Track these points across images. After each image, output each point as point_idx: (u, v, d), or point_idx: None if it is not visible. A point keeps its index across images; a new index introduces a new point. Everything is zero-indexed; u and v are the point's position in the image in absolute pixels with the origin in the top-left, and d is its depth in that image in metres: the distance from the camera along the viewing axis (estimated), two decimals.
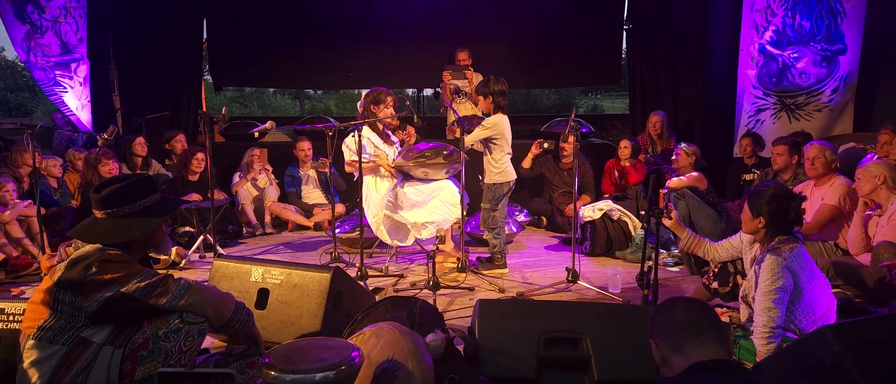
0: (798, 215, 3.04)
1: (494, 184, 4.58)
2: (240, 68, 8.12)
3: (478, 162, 4.97)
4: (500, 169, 4.56)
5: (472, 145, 4.58)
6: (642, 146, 6.65)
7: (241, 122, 7.45)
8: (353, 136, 4.52)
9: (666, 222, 3.54)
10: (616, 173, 6.40)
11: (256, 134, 4.88)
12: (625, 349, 2.66)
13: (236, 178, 6.55)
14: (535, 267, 4.97)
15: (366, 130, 4.62)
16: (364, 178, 4.70)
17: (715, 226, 5.16)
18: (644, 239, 3.42)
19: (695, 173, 5.30)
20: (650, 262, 3.25)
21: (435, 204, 4.66)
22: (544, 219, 6.38)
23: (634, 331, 2.70)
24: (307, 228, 6.38)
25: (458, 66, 6.69)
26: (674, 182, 5.23)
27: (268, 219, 6.33)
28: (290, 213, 6.39)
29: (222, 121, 4.77)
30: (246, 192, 6.50)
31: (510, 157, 4.63)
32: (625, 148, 6.22)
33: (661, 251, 5.08)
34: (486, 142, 4.52)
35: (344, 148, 4.65)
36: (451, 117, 6.80)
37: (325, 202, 6.56)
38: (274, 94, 24.44)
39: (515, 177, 4.67)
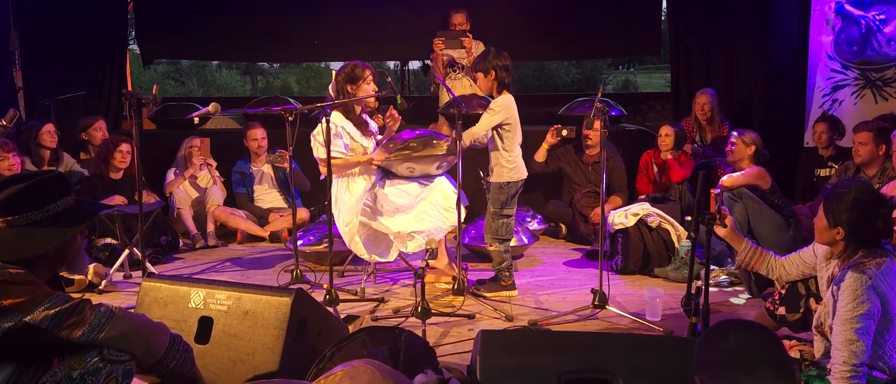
0: (888, 224, 3.06)
1: (504, 183, 4.60)
2: (175, 36, 8.11)
3: (479, 154, 4.98)
4: (513, 163, 4.59)
5: (478, 140, 4.58)
6: (688, 133, 6.68)
7: (176, 105, 7.46)
8: (322, 124, 4.53)
9: (718, 231, 3.55)
10: (655, 168, 6.41)
11: (196, 119, 4.88)
12: None
13: (171, 175, 6.55)
14: (552, 288, 4.97)
15: (337, 117, 4.61)
16: (334, 176, 4.70)
17: (781, 235, 5.17)
18: (691, 252, 3.42)
19: (755, 168, 5.31)
20: (699, 282, 3.25)
21: (424, 208, 4.66)
22: (563, 226, 6.39)
23: (679, 370, 2.71)
24: (261, 239, 6.39)
25: (453, 31, 6.70)
26: (728, 179, 5.24)
27: (211, 228, 6.34)
28: (240, 220, 6.39)
29: (153, 103, 4.77)
30: (183, 193, 6.50)
31: (521, 147, 4.65)
32: (666, 136, 6.25)
33: (713, 267, 5.10)
34: (497, 131, 4.53)
35: (312, 140, 4.64)
36: (445, 96, 6.81)
37: (284, 206, 6.56)
38: (218, 68, 24.39)
39: (526, 174, 4.68)
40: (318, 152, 4.59)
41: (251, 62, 21.68)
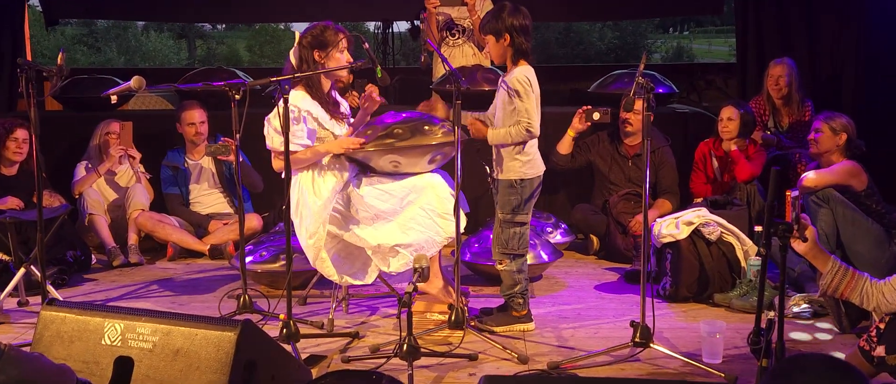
0: None
1: (516, 180, 4.59)
2: None
3: (486, 144, 4.96)
4: (528, 155, 4.57)
5: (530, 130, 4.52)
6: (758, 117, 6.68)
7: (89, 79, 7.45)
8: (279, 105, 4.52)
9: (796, 246, 3.54)
10: (715, 163, 6.40)
11: (113, 98, 4.86)
12: None
13: (81, 170, 6.54)
14: (580, 319, 4.96)
15: (299, 95, 4.60)
16: (295, 172, 4.68)
17: (880, 251, 5.17)
18: (761, 273, 3.41)
19: (847, 163, 5.29)
20: (771, 314, 3.24)
21: (412, 215, 4.64)
22: (595, 239, 6.40)
23: None
24: (199, 255, 6.39)
25: None
26: (812, 178, 5.21)
27: (133, 239, 6.34)
28: (171, 230, 6.39)
29: (57, 75, 4.75)
30: (97, 194, 6.50)
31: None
32: (729, 121, 6.25)
33: (791, 293, 5.08)
34: (505, 110, 4.52)
35: (266, 125, 4.63)
36: (440, 68, 6.80)
37: (229, 211, 6.56)
38: (145, 31, 24.45)
39: (544, 168, 4.68)
40: (274, 141, 4.57)
41: (187, 23, 21.73)
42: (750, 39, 7.59)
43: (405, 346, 3.92)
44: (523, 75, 4.47)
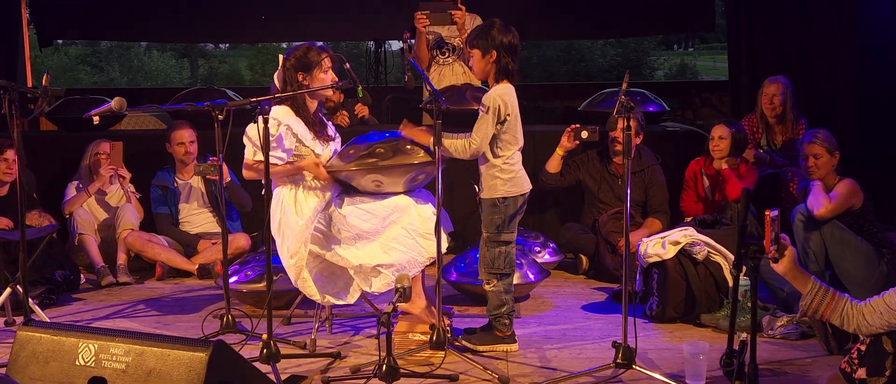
0: None
1: (499, 199, 4.58)
2: (81, 8, 8.14)
3: (475, 161, 4.94)
4: (509, 173, 4.56)
5: (480, 152, 4.53)
6: (751, 134, 6.66)
7: (82, 99, 7.44)
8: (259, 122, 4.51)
9: (775, 267, 3.51)
10: (705, 181, 6.37)
11: (95, 119, 4.86)
12: None
13: (72, 190, 6.56)
14: (565, 340, 4.94)
15: (283, 112, 4.59)
16: (275, 189, 4.67)
17: (869, 270, 5.14)
18: (732, 294, 3.39)
19: (847, 182, 5.25)
20: (744, 335, 3.21)
21: (394, 235, 4.63)
22: (584, 258, 6.38)
23: None
24: (188, 274, 6.39)
25: (442, 2, 6.69)
26: (824, 210, 5.17)
27: (122, 259, 6.34)
28: (160, 250, 6.39)
29: (42, 97, 4.75)
30: (87, 214, 6.50)
31: (522, 151, 4.64)
32: (721, 139, 6.23)
33: (781, 314, 5.05)
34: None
35: (245, 138, 4.64)
36: (419, 86, 6.79)
37: (219, 230, 6.53)
38: (148, 50, 24.50)
39: (530, 187, 4.66)
40: (248, 153, 4.59)
41: (182, 43, 21.77)
42: (742, 57, 7.58)
43: (385, 367, 3.90)
44: (498, 95, 4.46)
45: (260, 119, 4.25)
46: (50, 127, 7.75)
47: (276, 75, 4.77)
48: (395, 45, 8.49)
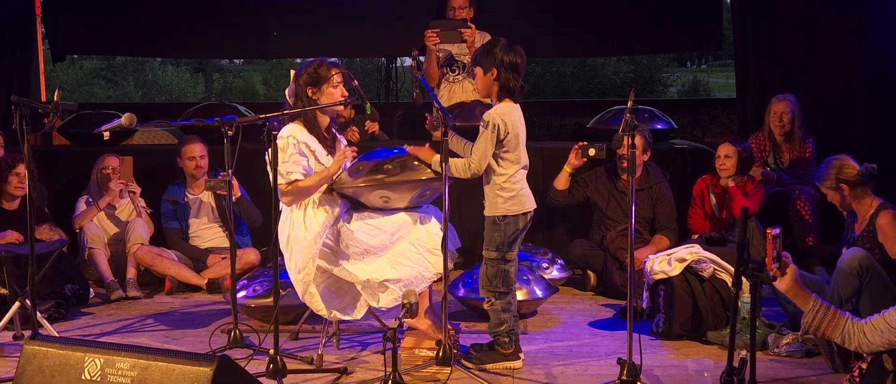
0: None
1: (499, 217, 4.59)
2: (96, 24, 8.21)
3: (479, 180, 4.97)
4: (511, 191, 4.57)
5: (480, 170, 4.55)
6: (758, 153, 6.66)
7: (94, 114, 7.52)
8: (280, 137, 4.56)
9: (777, 285, 3.53)
10: (712, 199, 6.38)
11: (106, 135, 4.91)
12: None
13: (82, 205, 6.60)
14: (571, 357, 4.94)
15: (296, 130, 4.62)
16: (284, 206, 4.70)
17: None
18: (732, 310, 3.40)
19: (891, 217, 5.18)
20: (744, 352, 3.23)
21: (402, 250, 4.65)
22: (592, 275, 6.39)
23: None
24: (197, 289, 6.41)
25: (451, 20, 6.75)
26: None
27: (132, 273, 6.36)
28: (169, 264, 6.42)
29: (54, 112, 4.79)
30: (97, 228, 6.54)
31: (527, 172, 4.64)
32: (727, 158, 6.24)
33: (786, 332, 5.04)
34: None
35: (270, 169, 4.66)
36: (443, 102, 6.84)
37: (227, 246, 6.55)
38: (162, 64, 24.61)
39: (534, 206, 4.68)
40: (281, 181, 4.58)
41: (195, 58, 21.85)
42: (750, 75, 7.58)
43: (391, 382, 3.93)
44: (498, 114, 4.48)
45: (272, 135, 4.29)
46: (62, 141, 7.80)
47: (288, 91, 4.81)
48: (407, 61, 8.51)
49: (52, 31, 8.19)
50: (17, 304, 5.24)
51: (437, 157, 4.52)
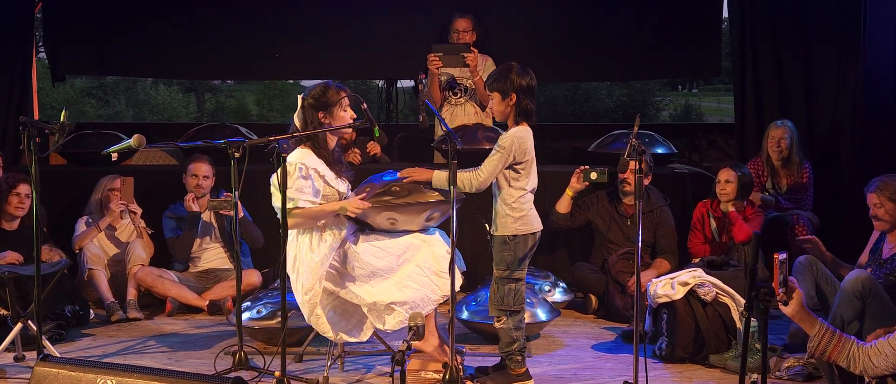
0: None
1: (509, 236, 4.64)
2: (95, 44, 8.24)
3: (486, 200, 5.01)
4: (520, 211, 4.62)
5: (484, 186, 4.62)
6: (756, 178, 6.73)
7: (93, 134, 7.52)
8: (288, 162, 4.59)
9: (783, 309, 3.57)
10: (713, 224, 6.44)
11: (114, 156, 4.93)
12: None
13: (82, 225, 6.59)
14: (576, 380, 4.98)
15: (304, 154, 4.65)
16: (292, 230, 4.72)
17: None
18: (744, 334, 3.44)
19: None
20: (755, 376, 3.27)
21: (408, 272, 4.68)
22: (593, 298, 6.42)
23: None
24: (198, 310, 6.41)
25: (454, 44, 6.80)
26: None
27: (132, 294, 6.35)
28: (170, 285, 6.42)
29: (60, 133, 4.82)
30: (97, 249, 6.53)
31: (534, 195, 4.70)
32: (727, 183, 6.31)
33: (786, 355, 5.08)
34: (503, 169, 4.59)
35: (272, 186, 4.68)
36: (440, 126, 6.89)
37: (229, 266, 6.58)
38: (154, 84, 24.63)
39: (541, 227, 4.73)
40: (277, 200, 4.56)
41: (194, 79, 21.89)
42: (748, 101, 7.65)
43: None
44: (514, 136, 4.54)
45: (282, 157, 4.32)
46: (59, 161, 7.80)
47: (296, 115, 4.82)
48: (407, 83, 8.59)
49: (51, 51, 8.20)
50: (19, 325, 5.23)
51: (436, 172, 4.60)
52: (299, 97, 4.77)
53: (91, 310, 6.22)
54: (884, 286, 4.93)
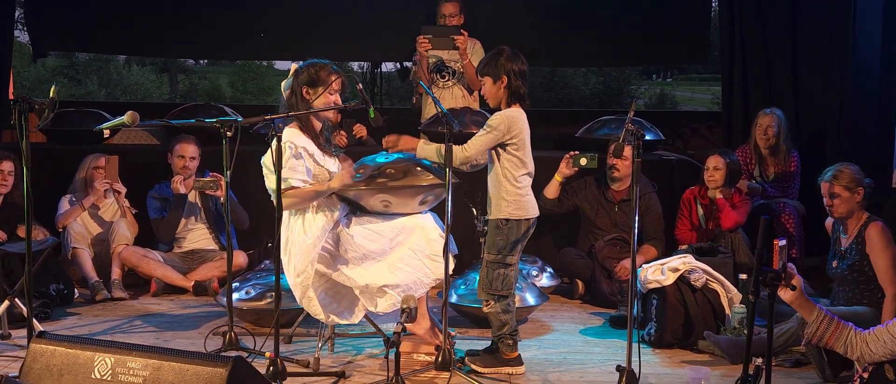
0: None
1: (503, 220, 4.65)
2: (73, 22, 8.15)
3: (473, 185, 5.03)
4: (517, 195, 4.63)
5: (469, 163, 4.64)
6: (744, 166, 6.78)
7: (75, 112, 7.46)
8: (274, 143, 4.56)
9: (783, 295, 3.61)
10: (700, 210, 6.49)
11: (106, 132, 4.90)
12: None
13: (65, 204, 6.56)
14: (566, 364, 5.00)
15: (293, 133, 4.63)
16: (289, 211, 4.71)
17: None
18: (748, 320, 3.48)
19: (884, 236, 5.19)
20: (758, 361, 3.30)
21: (401, 255, 4.70)
22: (580, 283, 6.46)
23: None
24: (183, 291, 6.41)
25: (444, 27, 6.80)
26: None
27: (117, 274, 6.35)
28: (155, 265, 6.41)
29: (49, 109, 4.78)
30: (81, 228, 6.52)
31: (531, 178, 4.71)
32: (716, 170, 6.35)
33: None
34: (497, 151, 4.60)
35: (264, 167, 4.67)
36: (429, 109, 6.90)
37: (215, 247, 6.59)
38: (126, 64, 24.43)
39: (537, 213, 4.75)
40: (274, 183, 4.47)
41: (173, 58, 21.74)
42: (736, 89, 7.70)
43: None
44: (506, 117, 4.57)
45: (278, 137, 4.31)
46: (39, 139, 7.74)
47: (284, 86, 4.81)
48: (388, 66, 8.58)
49: (34, 27, 8.13)
50: (6, 303, 5.22)
51: (421, 142, 4.65)
52: (293, 66, 4.75)
53: (75, 289, 6.21)
54: (848, 276, 5.06)
